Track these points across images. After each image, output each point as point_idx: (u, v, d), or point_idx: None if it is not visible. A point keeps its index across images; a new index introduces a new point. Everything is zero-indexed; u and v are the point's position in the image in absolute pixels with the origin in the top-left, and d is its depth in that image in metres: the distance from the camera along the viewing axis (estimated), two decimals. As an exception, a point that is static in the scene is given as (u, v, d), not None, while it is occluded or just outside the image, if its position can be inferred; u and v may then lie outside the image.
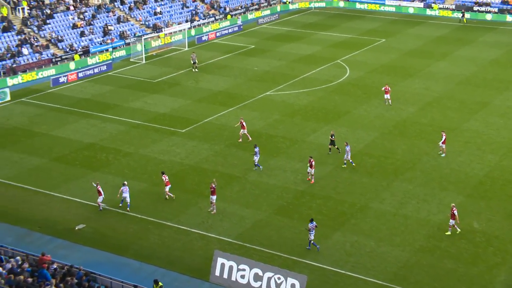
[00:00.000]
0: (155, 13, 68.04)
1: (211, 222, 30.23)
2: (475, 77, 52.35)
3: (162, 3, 70.30)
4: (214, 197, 30.77)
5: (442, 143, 37.09)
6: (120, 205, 31.42)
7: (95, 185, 31.32)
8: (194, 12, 70.98)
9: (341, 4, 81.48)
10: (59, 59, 55.18)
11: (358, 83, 51.11)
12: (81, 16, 61.62)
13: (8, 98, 46.84)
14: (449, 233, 29.19)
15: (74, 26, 59.98)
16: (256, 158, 35.13)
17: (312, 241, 27.87)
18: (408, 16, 77.70)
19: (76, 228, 29.50)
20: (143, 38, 59.37)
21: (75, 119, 43.00)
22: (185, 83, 50.64)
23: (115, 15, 64.41)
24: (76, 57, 56.19)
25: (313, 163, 33.80)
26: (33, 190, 33.13)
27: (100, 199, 31.06)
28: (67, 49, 56.76)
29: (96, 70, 53.49)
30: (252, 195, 32.81)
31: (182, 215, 30.80)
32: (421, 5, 79.24)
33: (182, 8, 71.47)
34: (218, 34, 67.12)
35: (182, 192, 33.01)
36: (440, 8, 77.83)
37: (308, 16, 77.81)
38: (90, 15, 62.64)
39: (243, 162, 36.49)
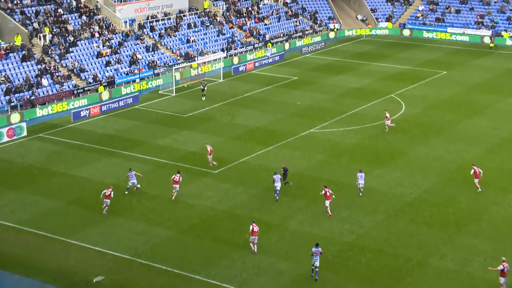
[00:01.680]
0: (188, 41, 69.53)
1: (245, 276, 30.08)
2: (552, 115, 51.51)
3: (196, 30, 71.86)
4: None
5: (476, 177, 37.70)
6: (126, 192, 36.71)
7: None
8: (230, 39, 72.27)
9: (406, 33, 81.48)
10: (82, 90, 56.69)
11: (414, 120, 50.77)
12: (107, 44, 63.45)
13: (25, 133, 48.17)
14: None
15: (99, 55, 61.72)
16: (278, 185, 36.88)
17: (317, 269, 28.76)
18: (473, 46, 77.29)
19: (94, 281, 29.72)
20: (174, 68, 60.58)
21: (97, 157, 43.82)
22: (219, 119, 51.23)
23: (143, 42, 66.10)
24: (101, 88, 57.63)
25: (328, 193, 35.31)
26: (48, 237, 33.65)
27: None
28: (91, 80, 58.33)
29: (121, 103, 54.68)
30: (292, 246, 32.59)
31: (212, 268, 30.77)
32: (489, 33, 78.81)
33: (218, 36, 72.86)
34: (257, 64, 68.00)
35: (213, 241, 33.04)
36: (511, 37, 77.28)
37: (358, 45, 78.22)
38: (117, 43, 64.45)
39: (283, 208, 36.39)
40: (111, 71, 60.51)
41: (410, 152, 44.22)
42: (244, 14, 78.45)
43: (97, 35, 64.16)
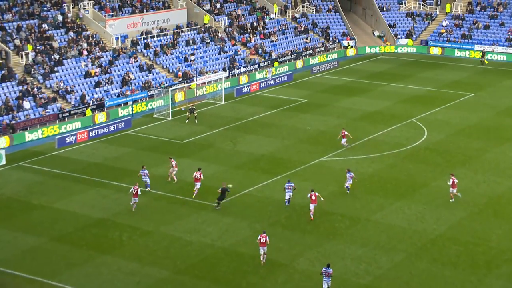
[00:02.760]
0: (186, 59, 70.03)
1: (248, 323, 29.83)
2: None
3: (195, 47, 72.41)
4: None
5: (452, 187, 40.73)
6: (148, 189, 42.11)
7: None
8: (233, 58, 72.76)
9: (436, 51, 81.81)
10: (68, 114, 56.97)
11: (438, 148, 50.76)
12: (96, 63, 63.93)
13: (3, 161, 48.28)
14: None
15: (87, 75, 62.16)
16: (288, 195, 39.88)
17: None
18: (504, 65, 77.55)
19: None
20: (170, 89, 60.94)
21: (83, 188, 43.85)
22: (220, 145, 51.33)
23: (137, 61, 66.60)
24: (88, 112, 57.92)
25: (314, 197, 38.51)
26: (27, 278, 33.49)
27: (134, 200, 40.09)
28: (78, 103, 58.64)
29: (111, 128, 54.89)
30: (301, 289, 32.42)
31: (211, 313, 30.54)
32: (522, 51, 79.22)
33: (219, 53, 73.39)
34: (262, 84, 68.33)
35: (213, 282, 32.88)
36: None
37: (375, 64, 78.60)
38: (107, 62, 64.94)
39: (291, 245, 36.26)
40: (100, 92, 60.88)
41: (433, 184, 44.12)
42: (249, 30, 79.10)
43: (85, 53, 64.69)
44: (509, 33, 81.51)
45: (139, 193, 40.35)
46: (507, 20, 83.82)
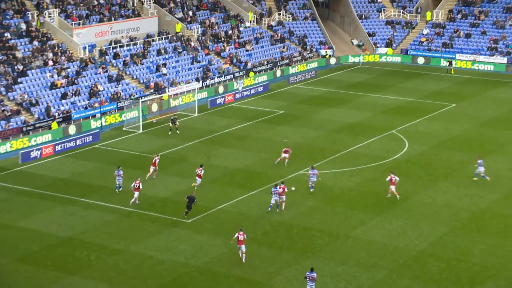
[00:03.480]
0: (157, 69, 69.98)
1: None
2: None
3: (166, 57, 72.42)
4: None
5: (391, 184, 43.49)
6: (117, 191, 44.32)
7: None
8: (206, 68, 72.87)
9: (421, 61, 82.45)
10: (32, 127, 56.59)
11: (420, 160, 51.16)
12: (63, 73, 63.65)
13: (-35, 177, 47.82)
14: None
15: (53, 86, 61.86)
16: (274, 199, 41.69)
17: None
18: (486, 75, 78.51)
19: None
20: (140, 100, 60.84)
21: (49, 205, 43.53)
22: (193, 159, 51.27)
23: (106, 71, 66.42)
24: (54, 125, 57.58)
25: (286, 189, 41.99)
26: (-10, 299, 33.22)
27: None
28: (43, 116, 58.28)
29: (78, 142, 54.61)
30: (278, 308, 32.42)
31: (184, 335, 30.44)
32: (504, 60, 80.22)
33: (192, 63, 73.48)
34: (237, 95, 68.47)
35: (186, 303, 32.77)
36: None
37: (354, 74, 79.16)
38: (74, 72, 64.69)
39: (268, 263, 36.27)
40: (67, 104, 60.59)
41: (415, 198, 44.42)
42: (223, 39, 79.32)
43: (51, 63, 64.40)
44: (491, 42, 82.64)
45: (140, 187, 43.09)
46: (489, 29, 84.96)
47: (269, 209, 41.91)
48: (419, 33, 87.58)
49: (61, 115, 58.71)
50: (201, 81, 69.71)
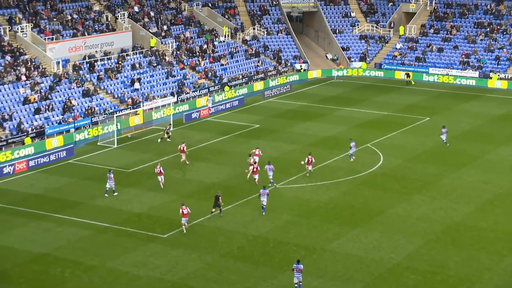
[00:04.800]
0: (132, 84, 69.81)
1: None
2: (549, 166, 52.82)
3: (141, 71, 72.30)
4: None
5: (308, 164, 49.04)
6: (106, 195, 45.88)
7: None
8: (181, 82, 72.84)
9: (402, 75, 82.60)
10: (4, 143, 56.12)
11: (395, 174, 51.48)
12: (36, 88, 63.26)
13: None
14: None
15: (26, 101, 61.44)
16: (264, 200, 43.70)
17: (300, 283, 33.71)
18: (459, 88, 79.35)
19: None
20: (115, 115, 60.61)
21: (22, 222, 43.11)
22: (169, 173, 51.12)
23: (80, 86, 66.13)
24: (27, 140, 57.16)
25: (256, 168, 47.70)
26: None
27: None
28: (15, 131, 57.84)
29: (52, 157, 54.23)
30: (255, 323, 32.34)
31: None
32: (476, 74, 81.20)
33: (167, 78, 73.42)
34: (212, 110, 68.49)
35: (162, 319, 32.58)
36: (501, 79, 79.69)
37: (329, 88, 79.59)
38: (47, 87, 64.31)
39: (244, 277, 36.21)
40: (40, 119, 60.18)
41: (390, 211, 44.66)
42: (197, 53, 79.41)
43: (23, 78, 63.99)
44: (463, 56, 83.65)
45: (162, 171, 47.93)
46: (461, 43, 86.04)
47: (263, 212, 43.90)
48: (393, 47, 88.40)
49: (34, 130, 58.25)
50: (176, 96, 69.64)
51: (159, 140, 58.37)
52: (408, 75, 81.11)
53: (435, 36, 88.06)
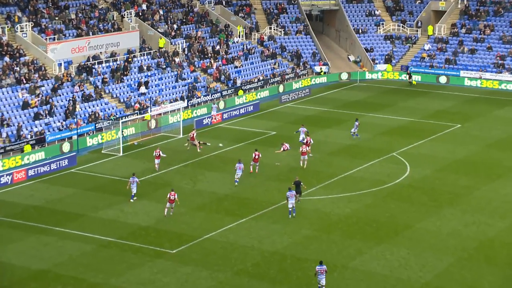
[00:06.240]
0: (139, 87, 70.00)
1: None
2: None
3: (149, 74, 72.50)
4: None
5: (306, 145, 54.39)
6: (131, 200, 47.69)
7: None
8: (192, 86, 72.96)
9: (443, 80, 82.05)
10: (2, 150, 56.38)
11: (423, 185, 51.23)
12: (36, 92, 63.55)
13: None
14: None
15: (26, 105, 61.71)
16: (291, 203, 44.84)
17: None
18: (493, 93, 78.97)
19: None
20: (121, 121, 60.77)
21: (21, 235, 43.22)
22: (178, 184, 51.16)
23: (83, 90, 66.38)
24: (27, 147, 57.39)
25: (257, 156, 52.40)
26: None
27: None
28: (14, 138, 58.09)
29: (54, 166, 54.40)
30: None
31: None
32: (511, 77, 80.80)
33: (177, 81, 73.59)
34: (225, 115, 68.53)
35: None
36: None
37: (351, 92, 79.45)
38: (49, 91, 64.60)
39: (259, 298, 36.11)
40: (40, 125, 60.43)
41: (418, 225, 44.42)
42: (210, 55, 79.56)
43: (23, 80, 64.30)
44: (497, 58, 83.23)
45: (161, 154, 53.35)
46: (495, 44, 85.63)
47: (290, 215, 45.26)
48: (420, 48, 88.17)
49: (33, 137, 58.47)
50: (186, 100, 69.73)
51: (186, 145, 58.97)
52: (410, 76, 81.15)
53: (466, 36, 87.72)
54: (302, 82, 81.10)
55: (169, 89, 71.89)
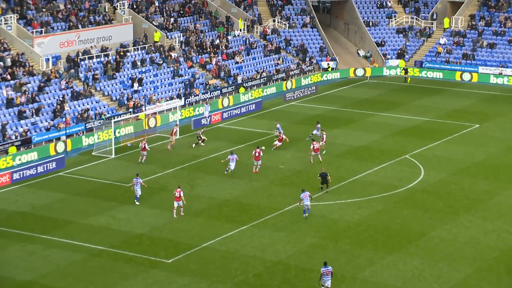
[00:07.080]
0: (133, 84, 70.02)
1: None
2: None
3: (143, 70, 72.53)
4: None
5: (314, 151, 55.18)
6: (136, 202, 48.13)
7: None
8: (190, 82, 72.98)
9: (466, 77, 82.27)
10: (-14, 152, 56.48)
11: (438, 190, 51.22)
12: (22, 89, 63.59)
13: None
14: None
15: (10, 104, 61.75)
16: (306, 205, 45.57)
17: None
18: (512, 90, 79.10)
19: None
20: (113, 121, 60.79)
21: (5, 244, 43.24)
22: (174, 188, 51.12)
23: (71, 87, 66.41)
24: (12, 149, 57.42)
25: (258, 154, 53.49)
26: None
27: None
28: (-1, 137, 58.22)
29: (40, 169, 54.44)
30: None
31: None
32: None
33: (173, 77, 73.62)
34: (225, 115, 68.53)
35: None
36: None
37: (361, 89, 79.46)
38: (35, 88, 64.63)
39: (261, 311, 36.10)
40: (26, 125, 60.46)
41: (433, 233, 44.39)
42: (209, 49, 79.58)
43: (8, 77, 64.35)
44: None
45: (147, 147, 55.10)
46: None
47: (305, 214, 46.08)
48: (436, 42, 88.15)
49: (19, 137, 58.48)
50: (183, 98, 69.74)
51: (193, 146, 59.91)
52: (406, 71, 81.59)
53: (486, 29, 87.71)
54: (312, 78, 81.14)
55: (165, 86, 71.92)
